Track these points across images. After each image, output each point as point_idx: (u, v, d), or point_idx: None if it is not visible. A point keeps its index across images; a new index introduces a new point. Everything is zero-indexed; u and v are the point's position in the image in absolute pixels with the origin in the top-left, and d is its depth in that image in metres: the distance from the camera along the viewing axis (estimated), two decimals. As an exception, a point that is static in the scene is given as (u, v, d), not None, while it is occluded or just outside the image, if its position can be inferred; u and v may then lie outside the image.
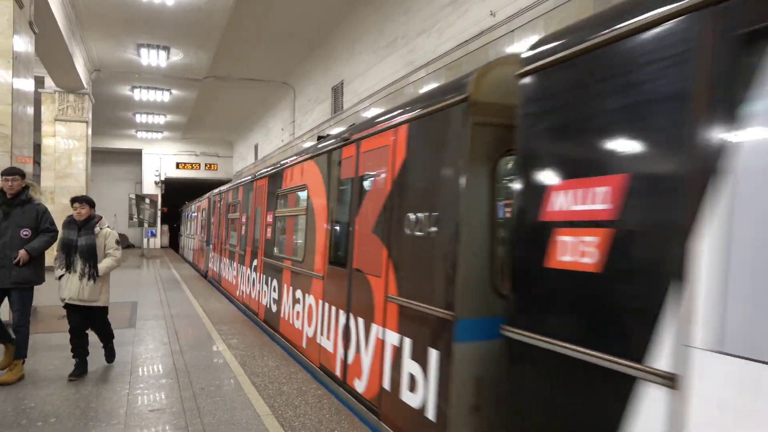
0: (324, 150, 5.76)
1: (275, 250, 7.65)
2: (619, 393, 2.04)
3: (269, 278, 7.91)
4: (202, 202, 17.98)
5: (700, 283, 1.79)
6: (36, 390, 4.92)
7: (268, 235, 8.07)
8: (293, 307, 6.57)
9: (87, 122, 17.34)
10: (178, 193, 32.83)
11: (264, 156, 24.73)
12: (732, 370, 1.67)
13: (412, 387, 3.64)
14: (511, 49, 8.05)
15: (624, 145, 2.18)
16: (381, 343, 4.11)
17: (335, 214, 5.41)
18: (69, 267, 5.33)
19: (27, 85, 8.64)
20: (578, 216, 2.34)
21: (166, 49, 15.72)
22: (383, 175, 4.24)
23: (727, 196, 1.75)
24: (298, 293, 6.37)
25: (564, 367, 2.35)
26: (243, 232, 10.19)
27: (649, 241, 2.05)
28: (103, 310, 5.67)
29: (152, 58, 16.11)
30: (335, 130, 7.57)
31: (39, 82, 15.82)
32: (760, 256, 1.64)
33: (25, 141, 8.54)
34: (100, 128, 25.70)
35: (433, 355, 3.41)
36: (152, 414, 4.46)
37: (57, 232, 5.46)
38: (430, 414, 3.40)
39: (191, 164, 32.78)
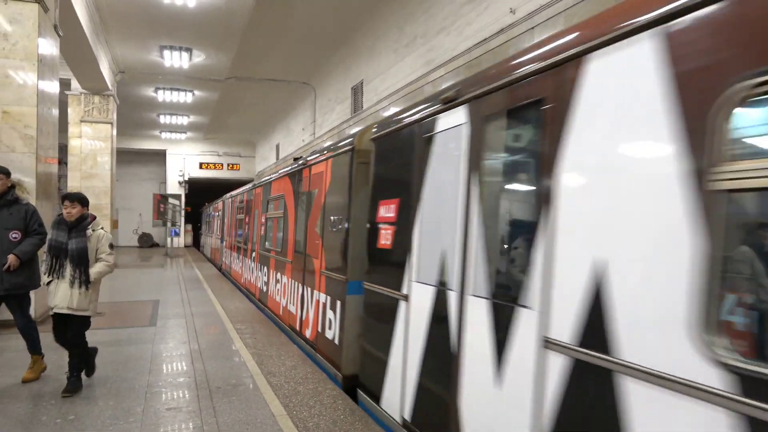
0: (293, 170, 7.86)
1: (266, 243, 9.71)
2: (394, 307, 4.11)
3: (262, 266, 10.04)
4: (218, 204, 19.87)
5: (414, 251, 3.83)
6: (55, 387, 4.98)
7: (262, 232, 10.20)
8: (275, 286, 8.76)
9: (112, 123, 17.64)
10: (202, 193, 33.25)
11: (285, 156, 24.86)
12: (424, 291, 3.66)
13: (330, 326, 5.69)
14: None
15: (396, 182, 4.27)
16: (318, 302, 6.17)
17: (298, 216, 7.39)
18: (57, 272, 4.83)
19: (52, 87, 8.81)
20: (386, 219, 4.38)
21: (189, 50, 15.91)
22: (321, 191, 6.30)
23: (421, 210, 3.78)
24: (279, 276, 8.43)
25: (378, 298, 4.47)
26: (246, 230, 12.41)
27: (403, 231, 4.03)
28: (86, 321, 5.04)
29: (175, 60, 16.34)
30: (354, 130, 7.81)
31: (65, 84, 16.15)
32: (425, 241, 3.71)
33: (50, 142, 8.71)
34: (125, 129, 26.15)
35: (338, 305, 5.45)
36: (169, 412, 4.49)
37: (46, 234, 5.09)
38: (336, 341, 5.48)
39: (214, 164, 33.18)
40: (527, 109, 2.74)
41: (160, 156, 33.05)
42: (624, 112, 2.16)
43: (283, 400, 4.80)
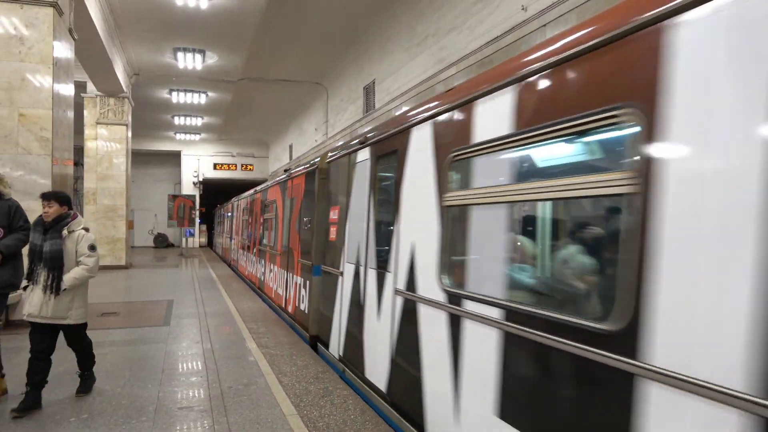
0: (282, 179, 9.86)
1: (263, 240, 11.68)
2: (336, 281, 5.87)
3: (261, 259, 11.95)
4: (228, 206, 21.57)
5: (346, 242, 5.62)
6: (68, 386, 5.03)
7: (261, 230, 12.16)
8: (269, 275, 10.67)
9: (127, 125, 17.83)
10: (216, 193, 33.47)
11: (298, 156, 24.93)
12: (350, 268, 5.43)
13: (303, 301, 7.49)
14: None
15: (339, 194, 6.03)
16: (296, 284, 8.05)
17: (285, 217, 9.26)
18: (32, 277, 4.49)
19: (67, 90, 8.92)
20: (333, 220, 6.13)
21: (202, 52, 16.02)
22: (298, 198, 8.15)
23: (350, 214, 5.59)
24: (272, 266, 10.31)
25: (329, 276, 6.21)
26: (250, 229, 14.33)
27: (341, 229, 5.78)
28: (78, 329, 4.74)
29: (188, 62, 16.44)
30: (366, 128, 7.94)
31: (81, 86, 16.37)
32: (351, 235, 5.50)
33: (66, 144, 8.83)
34: (140, 131, 26.43)
35: (308, 284, 7.18)
36: (180, 411, 4.52)
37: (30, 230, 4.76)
38: (306, 311, 7.26)
39: (228, 165, 33.39)
40: (392, 154, 4.52)
41: (174, 157, 33.33)
42: (420, 162, 3.92)
43: (293, 399, 4.81)
